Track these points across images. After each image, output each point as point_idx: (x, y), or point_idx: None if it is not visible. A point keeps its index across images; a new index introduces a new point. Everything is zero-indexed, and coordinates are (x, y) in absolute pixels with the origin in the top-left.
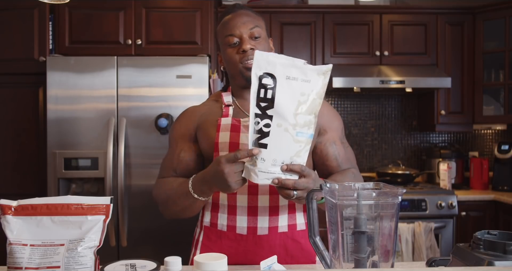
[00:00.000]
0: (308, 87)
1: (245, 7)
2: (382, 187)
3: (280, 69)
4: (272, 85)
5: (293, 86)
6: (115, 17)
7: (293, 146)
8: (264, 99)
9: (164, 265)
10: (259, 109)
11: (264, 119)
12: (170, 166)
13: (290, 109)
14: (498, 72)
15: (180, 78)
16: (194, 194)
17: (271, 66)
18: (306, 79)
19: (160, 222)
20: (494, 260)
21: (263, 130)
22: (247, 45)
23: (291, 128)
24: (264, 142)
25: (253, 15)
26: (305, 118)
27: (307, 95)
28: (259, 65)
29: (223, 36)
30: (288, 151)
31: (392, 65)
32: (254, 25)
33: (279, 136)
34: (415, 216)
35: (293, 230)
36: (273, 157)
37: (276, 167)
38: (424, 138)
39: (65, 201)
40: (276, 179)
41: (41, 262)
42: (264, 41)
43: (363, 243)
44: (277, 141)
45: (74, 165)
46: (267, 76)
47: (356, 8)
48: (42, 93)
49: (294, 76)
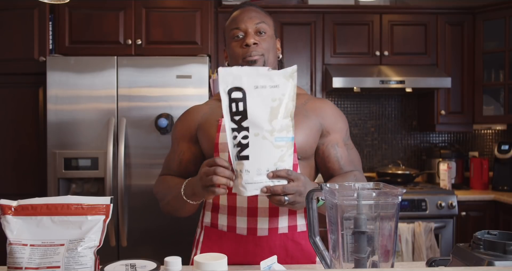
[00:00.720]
0: (278, 92)
1: (255, 5)
2: (382, 187)
3: (247, 80)
4: (241, 97)
5: (263, 94)
6: (115, 17)
7: (275, 152)
8: (237, 112)
9: (164, 265)
10: (234, 123)
11: (241, 132)
12: (171, 165)
13: (264, 117)
14: (498, 72)
15: (180, 78)
16: (184, 197)
17: (237, 80)
18: (274, 84)
19: (160, 222)
20: (494, 260)
21: (242, 142)
22: (250, 40)
23: (268, 135)
24: (245, 153)
25: (261, 12)
26: (281, 123)
27: (279, 100)
28: (225, 80)
29: (229, 30)
30: (270, 158)
31: (392, 65)
32: (260, 20)
33: (259, 144)
34: (415, 216)
35: (294, 231)
36: (256, 166)
37: (262, 176)
38: (424, 138)
39: (65, 201)
40: (265, 187)
41: (41, 262)
42: (270, 39)
43: (363, 243)
44: (258, 150)
45: (74, 165)
46: (236, 90)
47: (356, 8)
48: (42, 93)
49: (262, 84)
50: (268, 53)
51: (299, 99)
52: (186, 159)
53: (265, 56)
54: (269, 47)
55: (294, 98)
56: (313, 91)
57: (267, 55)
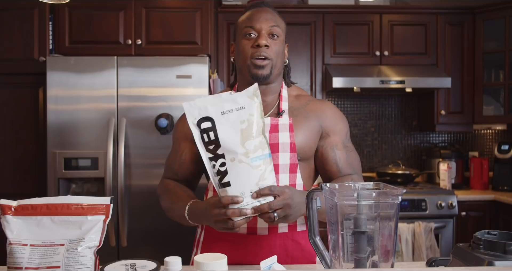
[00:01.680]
0: (245, 113)
1: (272, 6)
2: (382, 187)
3: (212, 109)
4: (211, 126)
5: (231, 118)
6: (115, 17)
7: (254, 172)
8: (210, 142)
9: (164, 265)
10: (210, 153)
11: (218, 160)
12: (173, 167)
13: (236, 141)
14: (498, 72)
15: (180, 78)
16: (189, 221)
17: (203, 110)
18: (240, 106)
19: (160, 222)
20: (494, 260)
21: (220, 170)
22: (263, 41)
23: (244, 158)
24: (226, 180)
25: (277, 16)
26: (254, 143)
27: (247, 121)
28: (191, 113)
29: (242, 26)
30: (251, 179)
31: (392, 65)
32: (275, 24)
33: (236, 169)
34: (415, 216)
35: (293, 231)
36: (239, 190)
37: (247, 198)
38: (424, 138)
39: (65, 201)
40: (251, 208)
41: (41, 262)
42: (280, 43)
43: (363, 243)
44: (237, 174)
45: (74, 165)
46: (204, 120)
47: (356, 8)
48: (42, 93)
49: (228, 109)
50: (277, 58)
51: (300, 100)
52: (187, 159)
53: (273, 61)
54: (278, 52)
55: (262, 115)
56: (313, 91)
57: (275, 60)
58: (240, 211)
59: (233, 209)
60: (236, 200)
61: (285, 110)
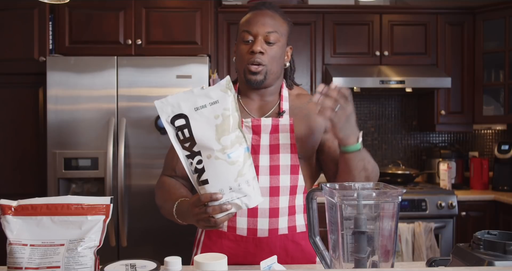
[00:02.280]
0: (219, 107)
1: (274, 7)
2: (382, 187)
3: (185, 105)
4: (185, 123)
5: (205, 114)
6: (115, 17)
7: (231, 168)
8: (185, 139)
9: (164, 265)
10: (186, 151)
11: (195, 158)
12: (170, 164)
13: (211, 137)
14: (498, 72)
15: (180, 78)
16: (177, 219)
17: (175, 107)
18: (213, 101)
19: (160, 222)
20: (494, 260)
21: (198, 168)
22: (257, 47)
23: (220, 154)
24: (203, 178)
25: (278, 19)
26: (230, 138)
27: (221, 115)
28: (164, 111)
29: (241, 30)
30: (228, 176)
31: (392, 65)
32: (273, 29)
33: (213, 166)
34: (415, 216)
35: (293, 232)
36: (218, 187)
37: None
38: (424, 138)
39: (65, 201)
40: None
41: (41, 262)
42: (278, 49)
43: (363, 243)
44: (214, 171)
45: (74, 165)
46: (178, 117)
47: (356, 8)
48: (42, 93)
49: (201, 104)
50: (272, 64)
51: (301, 99)
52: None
53: (268, 67)
54: (274, 57)
55: (237, 108)
56: (313, 91)
57: (270, 65)
58: (221, 207)
59: (213, 206)
60: (215, 197)
61: (286, 110)
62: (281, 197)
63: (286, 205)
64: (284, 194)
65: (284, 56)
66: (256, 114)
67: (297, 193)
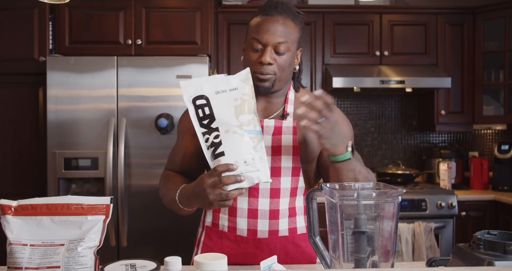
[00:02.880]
0: (238, 93)
1: (286, 11)
2: (382, 187)
3: (207, 88)
4: (206, 103)
5: (224, 97)
6: (115, 17)
7: (247, 143)
8: (204, 116)
9: (164, 265)
10: (203, 128)
11: (212, 133)
12: (175, 159)
13: (231, 114)
14: (498, 72)
15: (180, 78)
16: (179, 204)
17: (198, 89)
18: (233, 88)
19: (160, 222)
20: (494, 260)
21: (214, 142)
22: (266, 58)
23: (238, 129)
24: (220, 150)
25: (289, 25)
26: (247, 117)
27: (240, 99)
28: (187, 91)
29: (250, 36)
30: (244, 149)
31: (392, 65)
32: (283, 40)
33: (231, 139)
34: (415, 216)
35: (294, 234)
36: (233, 159)
37: (241, 167)
38: (424, 138)
39: (65, 201)
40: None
41: (41, 262)
42: (288, 57)
43: (363, 243)
44: (231, 144)
45: (74, 165)
46: (199, 98)
47: (356, 8)
48: (42, 93)
49: (222, 89)
50: (281, 72)
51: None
52: (189, 153)
53: (277, 75)
54: (284, 66)
55: (254, 96)
56: (313, 91)
57: (279, 74)
58: (235, 177)
59: (228, 175)
60: (231, 167)
61: (290, 113)
62: (282, 199)
63: (287, 207)
64: (284, 195)
65: (294, 61)
66: (261, 115)
67: (298, 195)
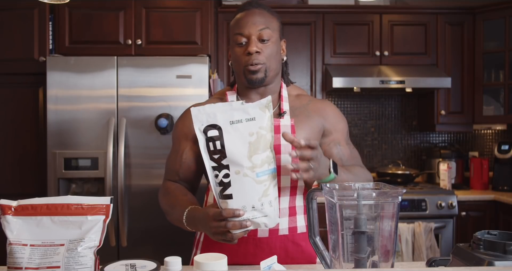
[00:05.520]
0: (255, 125)
1: (261, 5)
2: (382, 187)
3: (221, 116)
4: (218, 135)
5: (239, 129)
6: (115, 17)
7: (257, 187)
8: (215, 151)
9: (164, 265)
10: (214, 162)
11: (222, 171)
12: (174, 168)
13: (243, 154)
14: (498, 72)
15: (180, 78)
16: (187, 227)
17: (211, 117)
18: (250, 117)
19: (160, 222)
20: (494, 260)
21: (223, 181)
22: (253, 48)
23: (250, 172)
24: (228, 192)
25: (267, 15)
26: (261, 157)
27: (256, 133)
28: (199, 119)
29: (233, 33)
30: (254, 194)
31: (392, 65)
32: (264, 26)
33: (240, 182)
34: (415, 216)
35: (294, 233)
36: (241, 204)
37: (248, 213)
38: (424, 138)
39: (65, 201)
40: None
41: (41, 262)
42: (273, 45)
43: (363, 243)
44: (240, 188)
45: (74, 165)
46: (211, 128)
47: (356, 8)
48: (42, 93)
49: (237, 119)
50: (270, 61)
51: (301, 100)
52: (188, 158)
53: (267, 64)
54: (271, 54)
55: (272, 129)
56: (313, 91)
57: (268, 63)
58: (241, 223)
59: (234, 221)
60: (238, 214)
61: (287, 111)
62: (282, 198)
63: (287, 206)
64: (284, 194)
65: (280, 51)
66: None
67: (297, 194)
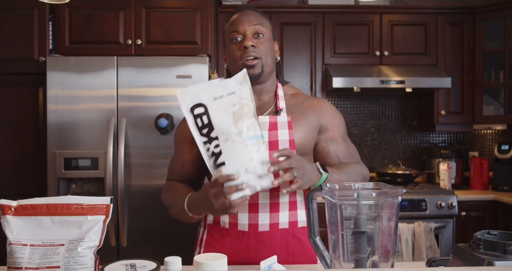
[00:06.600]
0: (236, 97)
1: (254, 8)
2: (382, 187)
3: (204, 95)
4: (204, 111)
5: (222, 103)
6: (115, 17)
7: (247, 151)
8: (203, 126)
9: (164, 265)
10: (204, 137)
11: (212, 142)
12: (175, 169)
13: (229, 122)
14: (498, 72)
15: (180, 78)
16: (189, 213)
17: (195, 97)
18: (230, 92)
19: (160, 222)
20: (494, 260)
21: (214, 152)
22: (248, 42)
23: (237, 138)
24: (220, 161)
25: (259, 15)
26: (246, 123)
27: (238, 103)
28: (185, 101)
29: (228, 33)
30: (245, 157)
31: (392, 65)
32: (258, 22)
33: (230, 148)
34: (415, 216)
35: (294, 227)
36: (235, 168)
37: (242, 176)
38: (424, 138)
39: (65, 201)
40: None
41: (41, 262)
42: (267, 41)
43: (363, 243)
44: (231, 153)
45: (74, 165)
46: (197, 106)
47: (356, 8)
48: (42, 93)
49: (219, 95)
50: (266, 56)
51: (297, 98)
52: (188, 160)
53: (263, 60)
54: (266, 50)
55: (253, 99)
56: (313, 91)
57: (264, 58)
58: (237, 186)
59: (230, 186)
60: (232, 178)
61: (283, 108)
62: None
63: (287, 200)
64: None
65: (273, 49)
66: None
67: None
